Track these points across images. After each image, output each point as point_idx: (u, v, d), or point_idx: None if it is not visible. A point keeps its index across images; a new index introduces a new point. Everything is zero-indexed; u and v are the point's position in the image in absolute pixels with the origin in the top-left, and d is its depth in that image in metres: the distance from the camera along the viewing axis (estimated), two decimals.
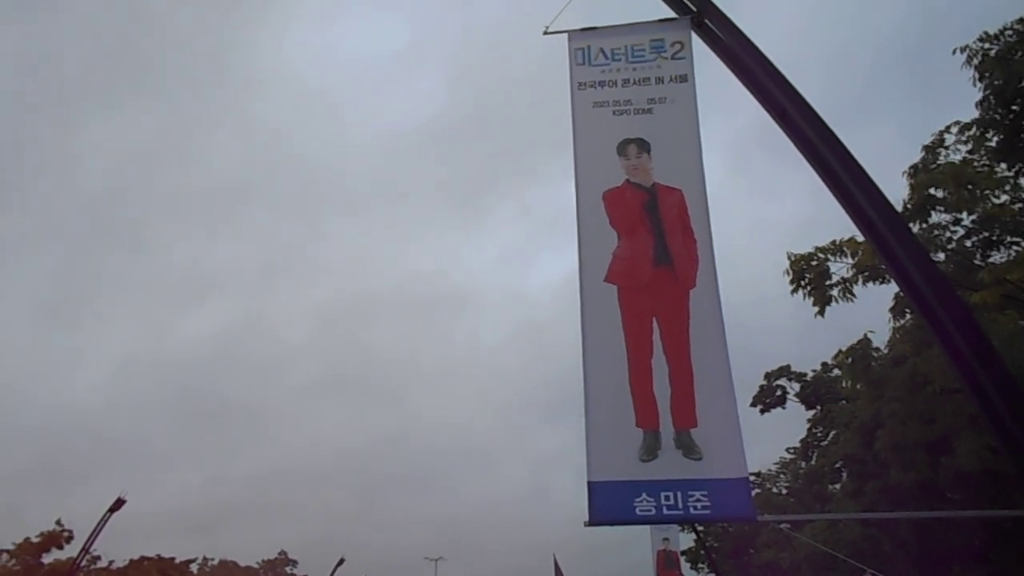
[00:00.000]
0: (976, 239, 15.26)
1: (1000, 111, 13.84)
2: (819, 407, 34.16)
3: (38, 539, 35.51)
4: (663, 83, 8.20)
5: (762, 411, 35.56)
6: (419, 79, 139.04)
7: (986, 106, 14.30)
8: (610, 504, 6.52)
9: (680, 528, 35.13)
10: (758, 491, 36.63)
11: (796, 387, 35.69)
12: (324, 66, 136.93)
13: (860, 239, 15.18)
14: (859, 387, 21.38)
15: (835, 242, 15.45)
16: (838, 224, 16.25)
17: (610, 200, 7.71)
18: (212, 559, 50.33)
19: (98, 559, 38.38)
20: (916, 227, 15.16)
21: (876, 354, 20.80)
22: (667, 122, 8.03)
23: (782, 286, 16.30)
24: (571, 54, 8.46)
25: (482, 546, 67.85)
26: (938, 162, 15.47)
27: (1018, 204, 14.33)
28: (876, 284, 15.97)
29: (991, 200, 14.73)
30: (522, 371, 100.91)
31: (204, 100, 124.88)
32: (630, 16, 8.71)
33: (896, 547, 22.12)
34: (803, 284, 15.66)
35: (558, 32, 8.56)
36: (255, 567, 54.02)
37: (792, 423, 36.04)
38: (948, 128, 15.69)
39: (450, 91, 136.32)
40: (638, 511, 6.46)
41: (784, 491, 38.67)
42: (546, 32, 8.54)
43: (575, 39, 8.51)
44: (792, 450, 38.12)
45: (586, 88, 8.28)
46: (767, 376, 35.90)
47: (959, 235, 15.85)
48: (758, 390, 35.76)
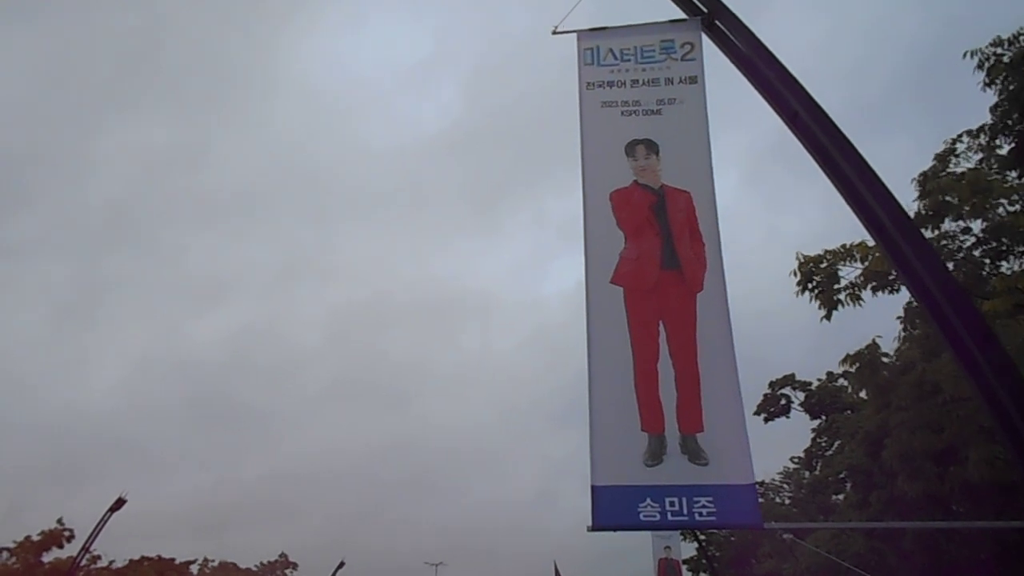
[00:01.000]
0: (985, 248, 15.13)
1: (1014, 116, 13.72)
2: (824, 417, 33.92)
3: (39, 538, 35.54)
4: (673, 84, 8.14)
5: (766, 420, 35.29)
6: (439, 88, 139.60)
7: (1000, 112, 14.19)
8: (614, 509, 6.42)
9: (682, 537, 34.96)
10: (761, 500, 36.33)
11: (801, 396, 35.47)
12: (343, 74, 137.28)
13: (871, 243, 15.04)
14: (865, 394, 21.09)
15: (845, 246, 15.32)
16: (848, 236, 16.24)
17: (617, 201, 7.63)
18: (212, 560, 50.20)
19: (98, 559, 38.35)
20: (928, 234, 15.00)
21: (885, 360, 20.50)
22: (676, 123, 7.96)
23: (789, 298, 16.16)
24: (580, 54, 8.41)
25: (485, 551, 67.45)
26: (948, 170, 15.38)
27: None
28: (884, 294, 15.85)
29: (1005, 208, 14.57)
30: (534, 377, 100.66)
31: (222, 106, 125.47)
32: (640, 17, 8.67)
33: (901, 559, 21.90)
34: (810, 287, 15.52)
35: (567, 32, 8.51)
36: (254, 569, 53.84)
37: (796, 433, 35.81)
38: (960, 136, 15.64)
39: (469, 100, 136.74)
40: (642, 517, 6.35)
41: (787, 501, 38.40)
42: (555, 32, 8.50)
43: (584, 39, 8.46)
44: (796, 460, 37.85)
45: (594, 88, 8.22)
46: (771, 385, 35.64)
47: (968, 244, 15.73)
48: (762, 399, 35.48)
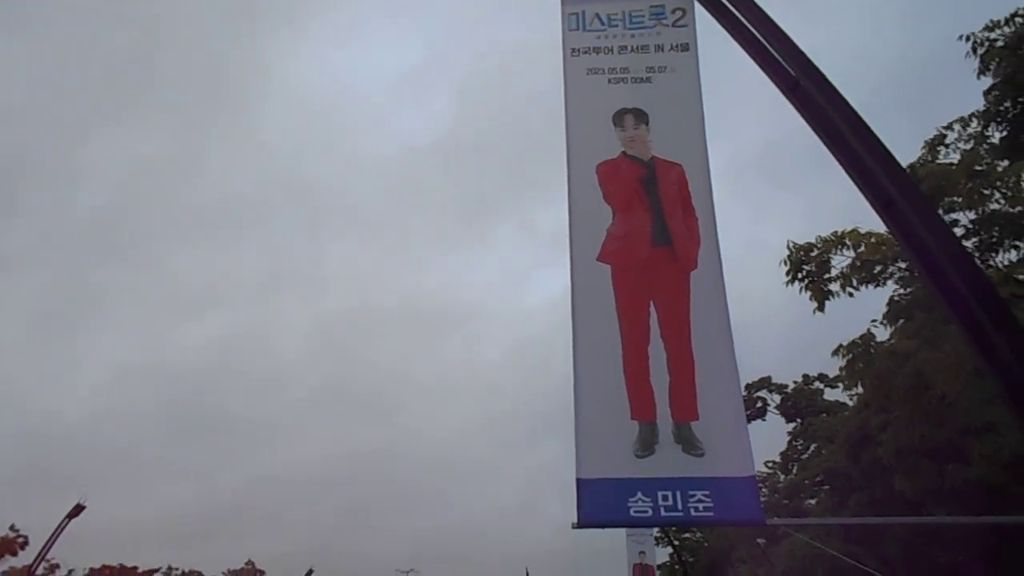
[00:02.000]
0: (975, 240, 14.83)
1: (1008, 102, 13.43)
2: (800, 420, 33.78)
3: None
4: (663, 51, 7.60)
5: None
6: (429, 100, 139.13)
7: (994, 98, 13.89)
8: (601, 504, 5.78)
9: (655, 542, 34.60)
10: None
11: (777, 399, 35.34)
12: (333, 84, 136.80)
13: (863, 231, 14.72)
14: (860, 387, 20.57)
15: (837, 233, 14.90)
16: None
17: (604, 173, 7.06)
18: (177, 569, 49.05)
19: (57, 567, 37.10)
20: None
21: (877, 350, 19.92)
22: (667, 92, 7.41)
23: (768, 307, 15.88)
24: (564, 19, 7.84)
25: (459, 558, 66.76)
26: (938, 160, 15.07)
27: (1019, 207, 13.86)
28: (870, 288, 15.49)
29: (997, 198, 14.24)
30: (517, 387, 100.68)
31: (211, 116, 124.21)
32: None
33: (879, 563, 21.64)
34: (800, 277, 15.09)
35: None
36: None
37: (773, 436, 35.66)
38: (950, 125, 15.33)
39: (459, 112, 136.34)
40: (633, 512, 5.73)
41: (762, 505, 38.19)
42: None
43: (569, 3, 7.91)
44: (771, 464, 37.67)
45: (579, 55, 7.65)
46: (748, 388, 35.47)
47: (959, 236, 15.35)
48: None
